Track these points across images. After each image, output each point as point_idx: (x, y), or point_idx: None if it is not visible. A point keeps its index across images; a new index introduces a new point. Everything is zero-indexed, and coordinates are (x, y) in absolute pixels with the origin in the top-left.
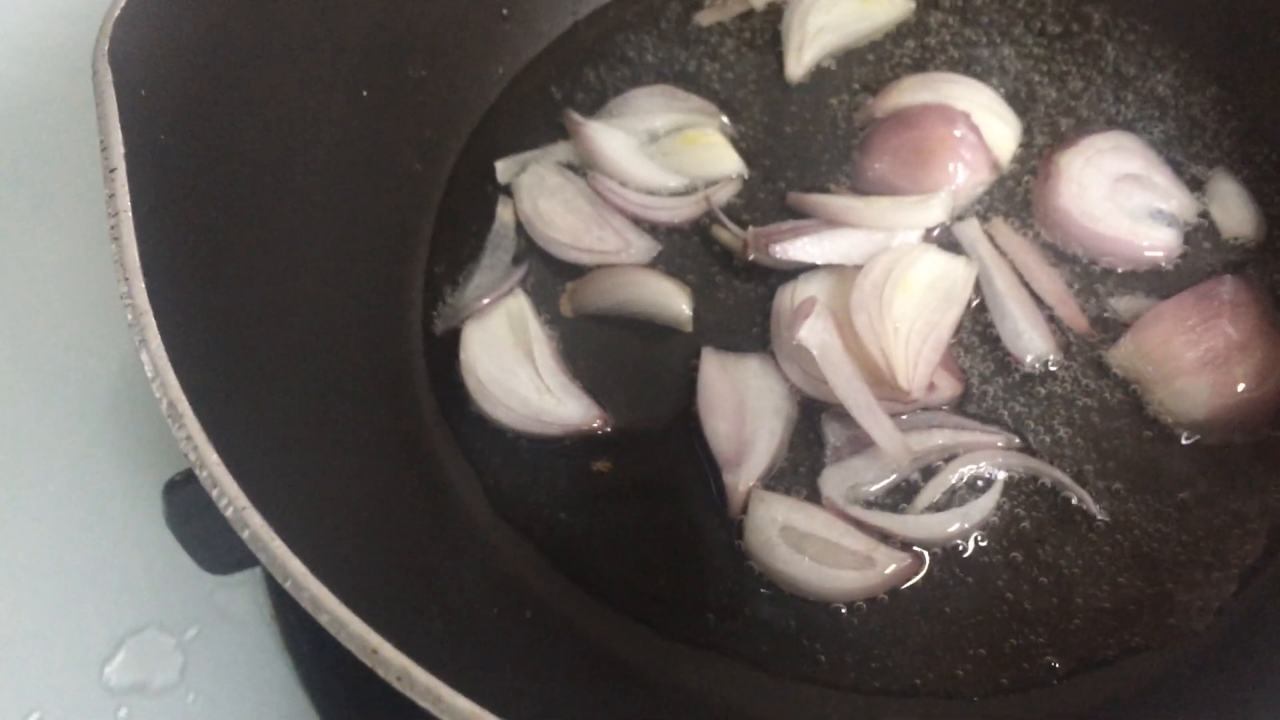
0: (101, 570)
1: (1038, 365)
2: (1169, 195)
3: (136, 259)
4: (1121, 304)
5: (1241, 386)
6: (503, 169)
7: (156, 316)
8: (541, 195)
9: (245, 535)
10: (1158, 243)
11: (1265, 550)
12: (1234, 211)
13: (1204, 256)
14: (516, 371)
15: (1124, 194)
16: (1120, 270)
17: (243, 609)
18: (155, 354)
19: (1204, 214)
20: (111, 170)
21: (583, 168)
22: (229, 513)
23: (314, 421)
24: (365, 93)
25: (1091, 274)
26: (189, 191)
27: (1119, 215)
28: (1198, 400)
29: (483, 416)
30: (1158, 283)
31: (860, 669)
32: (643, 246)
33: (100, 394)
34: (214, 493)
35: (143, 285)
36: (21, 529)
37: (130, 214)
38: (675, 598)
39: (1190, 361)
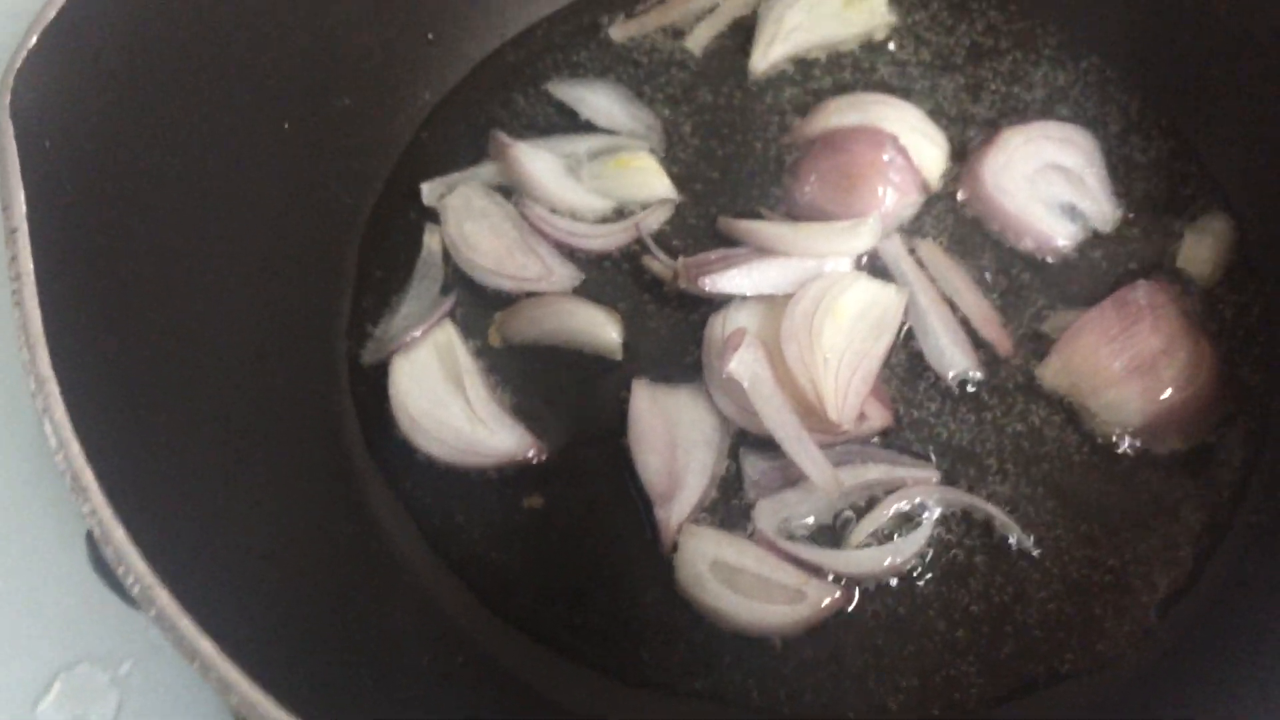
0: (30, 606)
1: (960, 381)
2: (1090, 197)
3: (39, 326)
4: (1047, 324)
5: (1169, 391)
6: (429, 191)
7: (61, 385)
8: (467, 218)
9: (152, 614)
10: (1056, 233)
11: (1189, 575)
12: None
13: (1118, 261)
14: (448, 403)
15: (1046, 181)
16: (1024, 250)
17: None
18: (59, 425)
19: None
20: (13, 231)
21: (512, 191)
22: (135, 590)
23: (234, 473)
24: (287, 125)
25: (1020, 295)
26: (97, 247)
27: (1031, 198)
28: (1131, 408)
29: (414, 452)
30: (1077, 288)
31: (793, 701)
32: (565, 274)
33: (23, 432)
34: (119, 570)
35: (46, 353)
36: None
37: (32, 277)
38: (610, 635)
39: (1118, 371)
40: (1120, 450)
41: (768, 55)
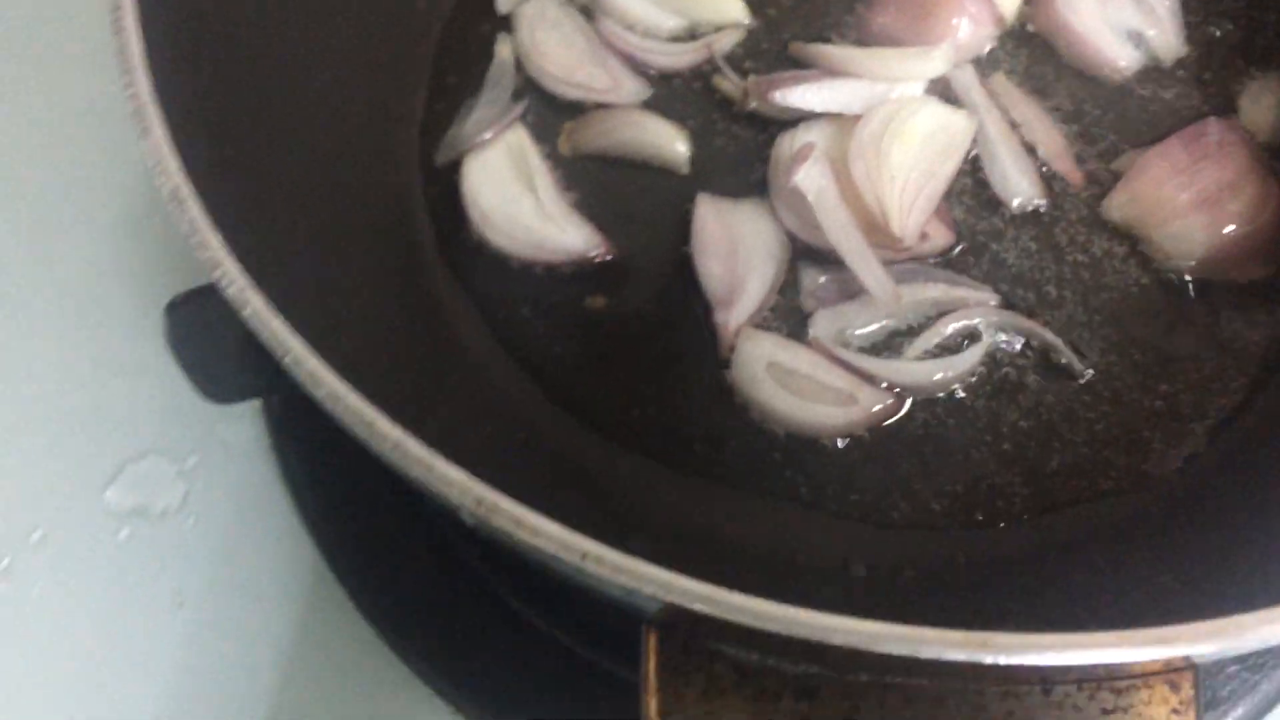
0: (103, 395)
1: (1024, 209)
2: (1158, 26)
3: (139, 53)
4: (1117, 162)
5: (1233, 225)
6: None
7: (161, 108)
8: (540, 27)
9: (246, 312)
10: (1118, 56)
11: (1240, 405)
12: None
13: (1191, 102)
14: (519, 201)
15: (1117, 4)
16: (1087, 74)
17: (243, 440)
18: (158, 144)
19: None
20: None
21: (587, 6)
22: (231, 290)
23: (315, 238)
24: None
25: (1091, 132)
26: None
27: (1098, 19)
28: (1194, 240)
29: (483, 248)
30: (1150, 129)
31: (840, 499)
32: (633, 88)
33: (103, 216)
34: (216, 273)
35: (147, 77)
36: (22, 350)
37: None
38: (664, 428)
39: (1184, 203)
40: (1180, 281)
41: None
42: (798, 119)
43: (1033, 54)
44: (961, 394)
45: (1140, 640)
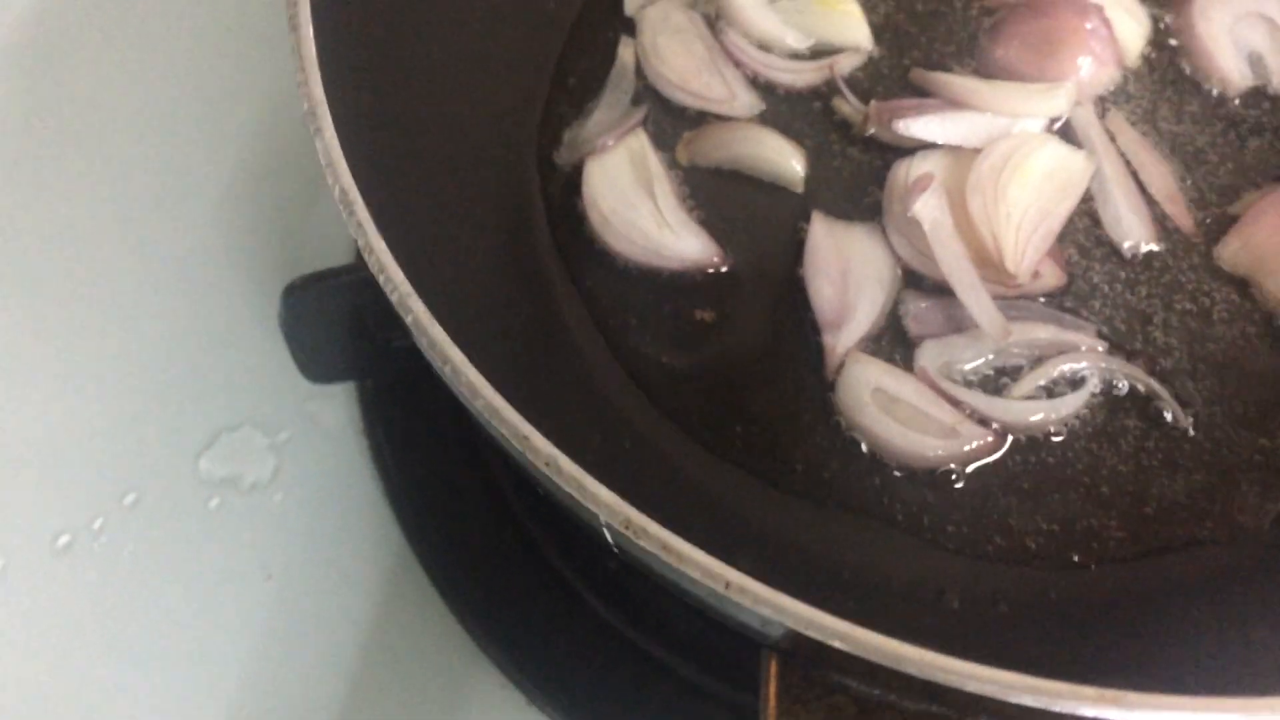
0: (202, 364)
1: (1135, 252)
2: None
3: (314, 51)
4: (1235, 205)
5: None
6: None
7: (330, 107)
8: (662, 32)
9: (409, 320)
10: (1232, 74)
11: None
12: None
13: None
14: (638, 206)
15: (1249, 25)
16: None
17: (335, 420)
18: (329, 144)
19: None
20: None
21: (712, 15)
22: (394, 298)
23: (449, 240)
24: None
25: (1209, 177)
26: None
27: (1226, 34)
28: None
29: (599, 253)
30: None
31: (936, 529)
32: (747, 101)
33: (227, 190)
34: (381, 278)
35: (319, 77)
36: (130, 314)
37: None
38: (766, 445)
39: None
40: None
41: None
42: (915, 147)
43: (1150, 94)
44: (1061, 435)
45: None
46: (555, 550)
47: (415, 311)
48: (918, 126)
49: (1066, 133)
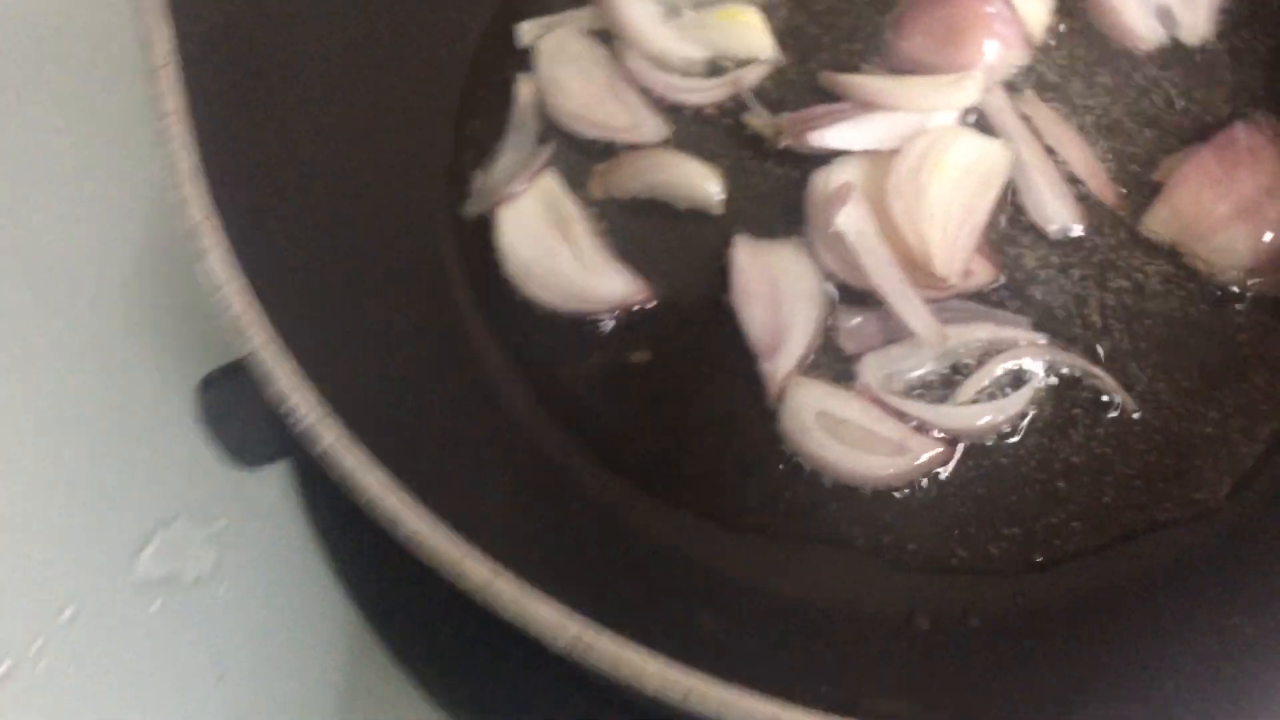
0: (128, 463)
1: (1063, 235)
2: (1191, 7)
3: (190, 163)
4: (1158, 170)
5: (1274, 232)
6: (527, 30)
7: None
8: (560, 63)
9: (318, 452)
10: (1140, 31)
11: None
12: None
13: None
14: (556, 251)
15: None
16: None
17: (272, 501)
18: (215, 269)
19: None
20: (157, 68)
21: (608, 39)
22: (302, 428)
23: (358, 327)
24: None
25: (1125, 147)
26: (237, 86)
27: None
28: (1237, 250)
29: (523, 306)
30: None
31: (896, 549)
32: (653, 126)
33: (130, 283)
34: (283, 410)
35: (200, 190)
36: (49, 415)
37: (181, 115)
38: (717, 484)
39: (1223, 214)
40: (1227, 297)
41: None
42: (832, 155)
43: (1061, 68)
44: (1012, 435)
45: None
46: None
47: (325, 443)
48: (831, 136)
49: (981, 122)
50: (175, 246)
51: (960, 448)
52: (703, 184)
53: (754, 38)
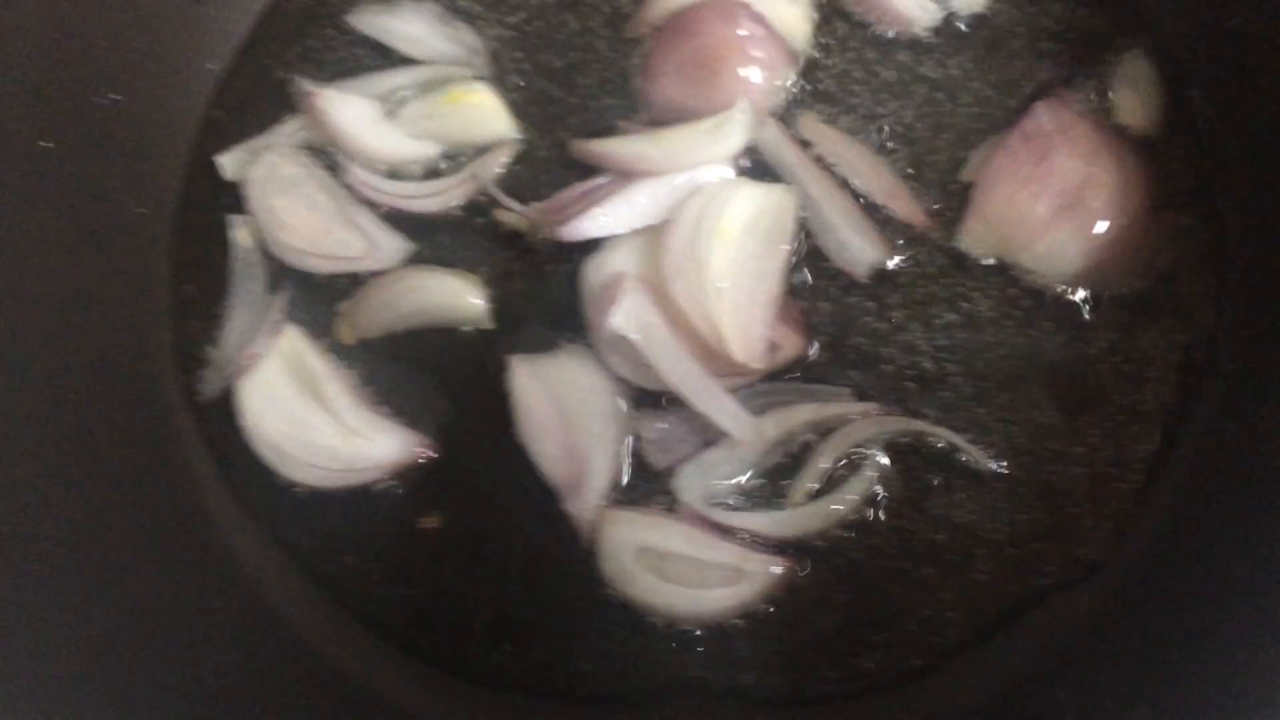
0: None
1: (873, 273)
2: None
3: None
4: (965, 170)
5: (1103, 222)
6: (230, 162)
7: None
8: (276, 191)
9: None
10: (913, 13)
11: (1161, 449)
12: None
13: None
14: (311, 420)
15: None
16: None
17: None
18: None
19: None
20: None
21: (325, 152)
22: None
23: (74, 564)
24: (46, 142)
25: (924, 151)
26: None
27: None
28: (1066, 252)
29: (284, 490)
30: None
31: (760, 685)
32: (392, 247)
33: None
34: None
35: None
36: None
37: None
38: (545, 655)
39: (1044, 214)
40: (1068, 307)
41: None
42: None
43: (836, 78)
44: (863, 520)
45: None
46: None
47: None
48: (590, 225)
49: (758, 162)
50: None
51: (807, 559)
52: (463, 298)
53: (490, 119)
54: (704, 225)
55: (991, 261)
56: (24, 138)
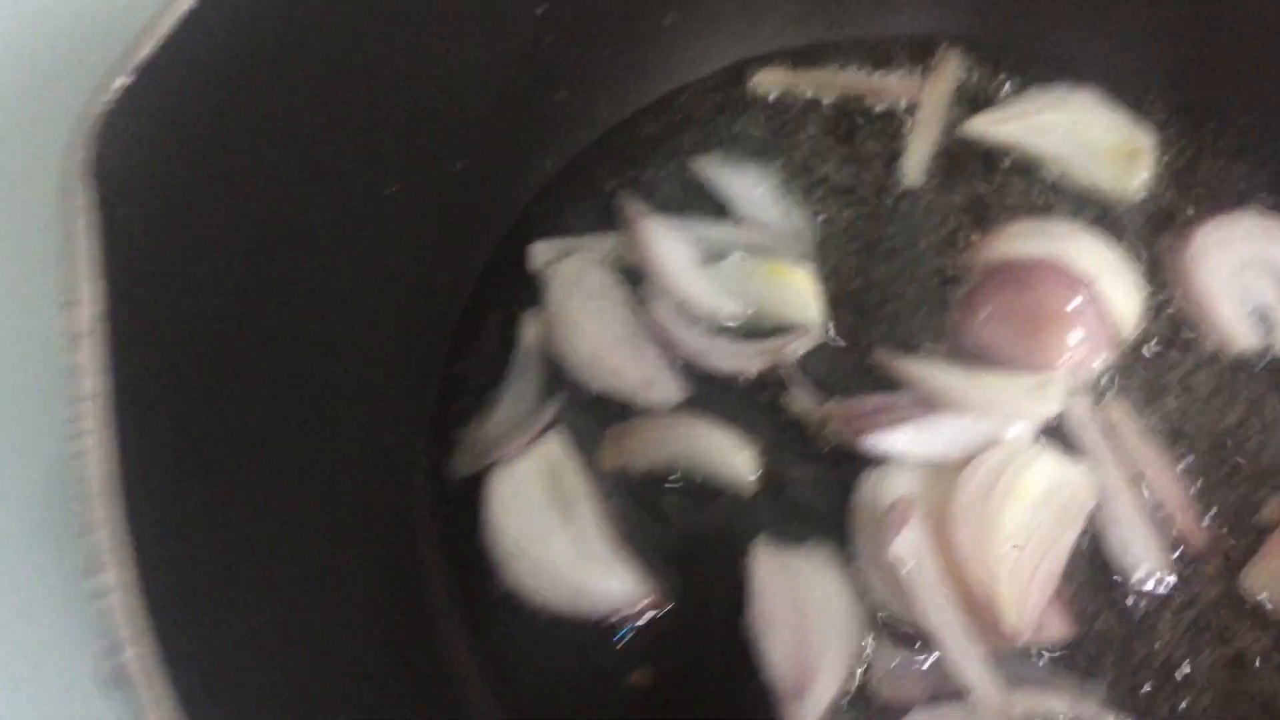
0: None
1: (1148, 584)
2: None
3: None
4: (1263, 513)
5: None
6: (540, 252)
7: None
8: (575, 294)
9: None
10: (1236, 335)
11: None
12: None
13: None
14: (553, 532)
15: (1253, 275)
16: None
17: None
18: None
19: None
20: (77, 337)
21: (633, 279)
22: None
23: (295, 641)
24: (394, 188)
25: (1227, 476)
26: (170, 355)
27: (1226, 291)
28: None
29: (504, 595)
30: None
31: None
32: (666, 389)
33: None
34: None
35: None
36: None
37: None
38: None
39: None
40: None
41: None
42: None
43: (1151, 373)
44: None
45: None
46: None
47: None
48: (889, 441)
49: (1054, 433)
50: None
51: None
52: (734, 459)
53: (805, 302)
54: (1003, 480)
55: (1269, 606)
56: (380, 179)
